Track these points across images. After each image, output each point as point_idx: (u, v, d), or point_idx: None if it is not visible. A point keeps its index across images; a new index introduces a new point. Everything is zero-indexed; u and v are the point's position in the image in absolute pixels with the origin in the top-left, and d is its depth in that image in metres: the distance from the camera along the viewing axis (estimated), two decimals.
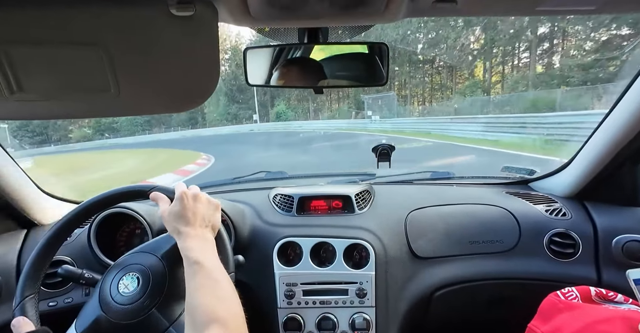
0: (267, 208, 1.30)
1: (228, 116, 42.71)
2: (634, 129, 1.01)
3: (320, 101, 42.57)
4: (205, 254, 0.73)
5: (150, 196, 0.84)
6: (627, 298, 0.83)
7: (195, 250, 0.73)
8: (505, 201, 1.31)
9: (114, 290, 0.78)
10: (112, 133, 42.93)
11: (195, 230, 0.76)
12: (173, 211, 0.78)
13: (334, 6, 0.64)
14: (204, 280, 0.68)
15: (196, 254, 0.72)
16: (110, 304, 0.76)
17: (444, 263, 1.20)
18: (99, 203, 0.87)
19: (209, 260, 0.72)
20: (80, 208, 0.86)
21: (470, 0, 0.64)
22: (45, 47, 0.50)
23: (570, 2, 0.64)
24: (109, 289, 0.78)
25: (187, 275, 0.70)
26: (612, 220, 1.17)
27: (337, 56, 0.85)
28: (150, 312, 0.75)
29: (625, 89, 1.02)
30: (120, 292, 0.77)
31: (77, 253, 1.15)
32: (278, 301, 1.12)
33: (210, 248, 0.76)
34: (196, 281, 0.68)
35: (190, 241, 0.74)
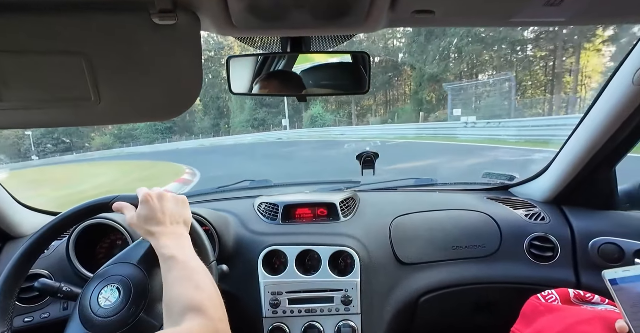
0: (251, 216, 1.29)
1: (254, 122, 37.20)
2: (605, 135, 1.06)
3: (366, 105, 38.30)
4: (180, 249, 0.73)
5: (113, 208, 0.82)
6: (604, 299, 0.86)
7: (170, 246, 0.73)
8: (487, 206, 1.33)
9: (94, 304, 0.76)
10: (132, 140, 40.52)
11: (167, 228, 0.76)
12: (141, 214, 0.77)
13: (316, 16, 0.65)
14: (179, 272, 0.68)
15: (170, 250, 0.72)
16: (94, 320, 0.74)
17: (428, 269, 1.21)
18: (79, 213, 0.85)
19: (184, 253, 0.73)
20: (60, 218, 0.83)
21: (447, 11, 0.66)
22: (26, 56, 0.50)
23: (541, 14, 0.67)
24: (89, 304, 0.76)
25: (162, 271, 0.70)
26: (588, 223, 1.21)
27: (320, 65, 0.86)
28: (138, 317, 0.73)
29: (597, 96, 1.06)
30: (101, 305, 0.75)
31: (55, 266, 1.11)
32: (263, 310, 1.11)
33: (185, 242, 0.76)
34: (172, 274, 0.68)
35: (164, 239, 0.74)
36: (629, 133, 1.05)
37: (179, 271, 0.68)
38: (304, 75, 0.84)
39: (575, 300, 0.88)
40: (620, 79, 0.97)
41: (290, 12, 0.63)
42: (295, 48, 0.79)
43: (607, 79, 1.03)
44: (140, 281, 0.77)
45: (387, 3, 0.60)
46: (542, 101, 21.46)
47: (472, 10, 0.68)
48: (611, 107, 1.01)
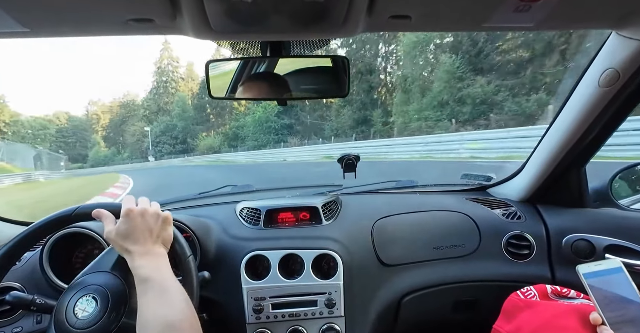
0: (233, 222, 1.28)
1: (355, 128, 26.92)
2: (575, 136, 1.10)
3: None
4: (157, 271, 0.71)
5: (93, 214, 0.79)
6: (579, 294, 0.89)
7: (146, 266, 0.71)
8: (466, 206, 1.36)
9: (71, 317, 0.73)
10: (239, 142, 35.28)
11: (144, 247, 0.74)
12: (120, 230, 0.75)
13: (294, 20, 0.66)
14: (155, 293, 0.67)
15: (147, 271, 0.70)
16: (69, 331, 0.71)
17: (410, 269, 1.22)
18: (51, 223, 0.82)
19: (160, 274, 0.71)
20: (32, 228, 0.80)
21: (423, 17, 0.69)
22: None
23: (511, 20, 0.70)
24: (64, 318, 0.73)
25: (138, 291, 0.69)
26: (561, 220, 1.26)
27: (300, 69, 0.86)
28: (120, 322, 0.71)
29: (566, 98, 1.11)
30: (78, 317, 0.72)
31: (27, 278, 1.07)
32: (246, 316, 1.09)
33: (162, 262, 0.74)
34: (147, 296, 0.67)
35: (140, 260, 0.72)
36: (597, 134, 1.09)
37: (155, 292, 0.67)
38: (284, 80, 0.85)
39: (553, 296, 0.91)
40: (587, 81, 1.02)
41: (268, 16, 0.64)
42: (275, 52, 0.80)
43: (574, 82, 1.07)
44: (117, 287, 0.75)
45: (364, 8, 0.61)
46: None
47: (447, 16, 0.70)
48: (579, 109, 1.05)
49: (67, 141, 62.88)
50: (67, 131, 63.81)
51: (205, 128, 44.78)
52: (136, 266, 0.71)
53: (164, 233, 0.79)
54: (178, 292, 0.69)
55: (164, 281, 0.69)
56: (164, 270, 0.72)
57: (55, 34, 0.72)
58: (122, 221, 0.75)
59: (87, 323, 0.71)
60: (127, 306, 0.74)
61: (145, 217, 0.77)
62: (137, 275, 0.70)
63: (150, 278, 0.69)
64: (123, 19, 0.64)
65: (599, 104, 1.01)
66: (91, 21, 0.66)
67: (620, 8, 0.72)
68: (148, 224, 0.76)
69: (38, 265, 1.04)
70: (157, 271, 0.71)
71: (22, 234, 0.80)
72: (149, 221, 0.77)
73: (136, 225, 0.75)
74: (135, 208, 0.77)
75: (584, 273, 0.73)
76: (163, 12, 0.61)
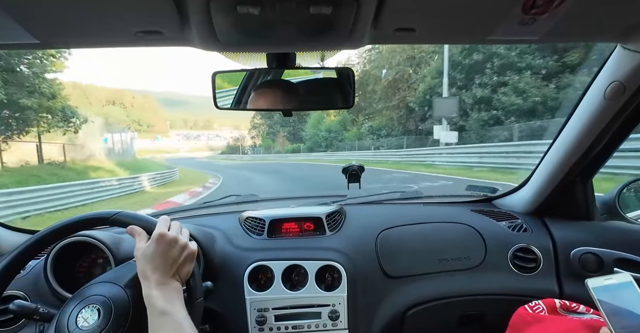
0: (237, 232, 1.27)
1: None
2: (581, 148, 1.10)
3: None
4: (171, 304, 0.70)
5: (127, 230, 0.80)
6: (589, 309, 0.87)
7: (160, 298, 0.70)
8: (471, 218, 1.35)
9: (72, 325, 0.72)
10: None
11: (163, 277, 0.73)
12: (146, 253, 0.75)
13: (300, 33, 0.67)
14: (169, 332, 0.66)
15: (161, 303, 0.69)
16: None
17: (415, 282, 1.21)
18: (58, 231, 0.82)
19: (177, 311, 0.70)
20: (37, 237, 0.81)
21: (428, 29, 0.69)
22: None
23: (515, 33, 0.70)
24: (66, 324, 0.73)
25: (152, 324, 0.68)
26: (568, 233, 1.24)
27: (306, 80, 0.87)
28: None
29: (571, 110, 1.10)
30: (78, 326, 0.72)
31: (31, 287, 1.06)
32: (249, 328, 1.08)
33: (178, 299, 0.73)
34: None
35: (156, 290, 0.71)
36: (603, 146, 1.09)
37: (170, 330, 0.67)
38: (289, 91, 0.85)
39: (562, 310, 0.89)
40: (592, 94, 1.02)
41: (275, 29, 0.65)
42: (281, 64, 0.81)
43: (580, 94, 1.07)
44: (123, 306, 0.74)
45: (370, 21, 0.62)
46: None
47: (451, 29, 0.71)
48: (585, 122, 1.05)
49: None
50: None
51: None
52: (152, 296, 0.70)
53: (184, 268, 0.78)
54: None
55: (181, 321, 0.69)
56: (180, 309, 0.71)
57: (64, 46, 0.73)
58: (151, 244, 0.75)
59: (97, 329, 0.71)
60: (125, 329, 0.73)
61: (172, 247, 0.77)
62: (151, 305, 0.69)
63: (167, 313, 0.68)
64: (132, 31, 0.65)
65: (605, 116, 1.01)
66: (100, 33, 0.67)
67: (625, 21, 0.73)
68: (173, 255, 0.76)
69: (42, 274, 1.04)
70: (172, 307, 0.70)
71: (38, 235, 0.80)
72: (175, 253, 0.77)
73: (162, 253, 0.75)
74: (168, 235, 0.77)
75: (594, 288, 0.72)
76: (171, 24, 0.62)
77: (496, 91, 16.44)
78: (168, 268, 0.75)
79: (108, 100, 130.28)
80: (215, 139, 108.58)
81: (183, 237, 0.80)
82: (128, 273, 0.80)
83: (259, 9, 0.56)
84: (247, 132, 63.70)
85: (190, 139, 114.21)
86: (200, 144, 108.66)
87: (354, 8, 0.57)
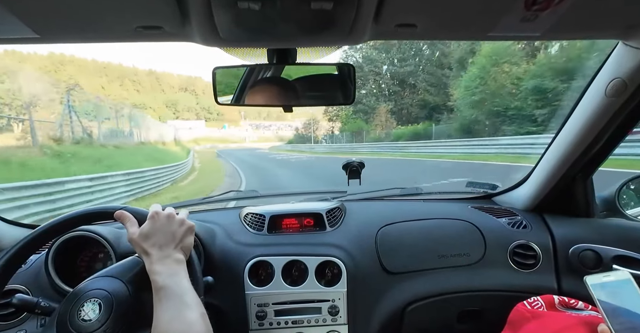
0: (237, 227, 1.28)
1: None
2: (581, 145, 1.10)
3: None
4: (174, 277, 0.70)
5: (115, 215, 0.80)
6: (587, 305, 0.88)
7: (163, 273, 0.70)
8: (471, 215, 1.35)
9: (72, 317, 0.73)
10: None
11: (164, 251, 0.73)
12: (143, 231, 0.75)
13: (301, 28, 0.67)
14: (172, 305, 0.66)
15: (164, 278, 0.69)
16: (68, 332, 0.71)
17: (414, 278, 1.21)
18: (59, 226, 0.83)
19: (178, 283, 0.70)
20: (38, 231, 0.81)
21: (429, 25, 0.69)
22: None
23: (517, 29, 0.70)
24: (67, 316, 0.73)
25: (154, 300, 0.68)
26: (568, 230, 1.24)
27: (306, 76, 0.87)
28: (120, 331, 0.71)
29: (572, 108, 1.10)
30: (79, 319, 0.72)
31: (32, 281, 1.07)
32: (250, 322, 1.09)
33: (182, 271, 0.73)
34: (162, 306, 0.66)
35: (159, 264, 0.71)
36: (604, 143, 1.09)
37: (172, 304, 0.66)
38: (290, 86, 0.85)
39: (560, 306, 0.89)
40: (593, 91, 1.01)
41: (276, 25, 0.65)
42: (282, 60, 0.80)
43: (581, 91, 1.07)
44: (124, 301, 0.74)
45: (371, 17, 0.62)
46: None
47: (453, 25, 0.71)
48: (586, 119, 1.05)
49: None
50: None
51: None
52: (154, 271, 0.70)
53: (186, 240, 0.79)
54: (196, 306, 0.68)
55: (183, 294, 0.68)
56: (182, 280, 0.71)
57: (64, 40, 0.73)
58: (147, 223, 0.76)
59: (84, 329, 0.71)
60: (124, 326, 0.73)
61: (170, 220, 0.77)
62: (154, 281, 0.69)
63: (168, 286, 0.68)
64: (132, 26, 0.65)
65: (605, 114, 1.00)
66: (100, 28, 0.67)
67: (627, 18, 0.72)
68: (172, 228, 0.77)
69: (43, 268, 1.05)
70: (174, 280, 0.70)
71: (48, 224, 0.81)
72: (173, 225, 0.77)
73: (160, 227, 0.75)
74: (161, 212, 0.78)
75: (592, 285, 0.72)
76: (172, 19, 0.62)
77: None
78: (169, 241, 0.75)
79: (181, 87, 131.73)
80: (286, 129, 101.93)
81: (180, 214, 0.81)
82: (132, 268, 0.80)
83: (259, 4, 0.56)
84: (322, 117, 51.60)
85: (260, 129, 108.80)
86: (269, 134, 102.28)
87: (355, 3, 0.57)
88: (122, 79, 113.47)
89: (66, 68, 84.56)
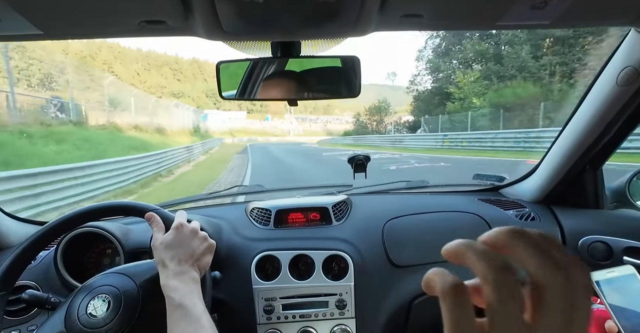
0: (244, 222, 1.28)
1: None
2: (591, 136, 1.08)
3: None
4: (191, 298, 0.70)
5: (146, 216, 0.81)
6: (596, 299, 0.87)
7: (179, 290, 0.70)
8: (478, 207, 1.34)
9: (82, 309, 0.74)
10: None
11: (181, 266, 0.73)
12: (165, 241, 0.75)
13: (306, 20, 0.66)
14: (190, 329, 0.65)
15: (180, 296, 0.69)
16: (74, 323, 0.72)
17: (421, 271, 1.20)
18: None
19: (196, 304, 0.69)
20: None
21: (435, 15, 0.68)
22: None
23: (526, 17, 0.68)
24: (77, 308, 0.74)
25: (169, 317, 0.67)
26: (577, 222, 1.23)
27: (311, 69, 0.86)
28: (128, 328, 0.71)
29: (582, 97, 1.08)
30: (87, 313, 0.73)
31: (42, 277, 1.08)
32: (257, 316, 1.09)
33: (197, 290, 0.73)
34: (180, 328, 0.65)
35: (175, 280, 0.71)
36: (615, 133, 1.07)
37: (189, 327, 0.65)
38: (296, 80, 0.84)
39: None
40: (604, 80, 0.99)
41: (280, 17, 0.64)
42: (286, 53, 0.79)
43: (591, 81, 1.05)
44: (132, 304, 0.75)
45: (376, 8, 0.60)
46: None
47: (459, 14, 0.69)
48: (596, 109, 1.03)
49: None
50: None
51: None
52: (170, 287, 0.70)
53: (204, 259, 0.79)
54: (211, 330, 0.67)
55: (200, 316, 0.67)
56: (198, 301, 0.70)
57: (68, 36, 0.73)
58: (171, 233, 0.76)
59: (90, 324, 0.72)
60: (136, 318, 0.73)
61: (193, 237, 0.78)
62: (169, 298, 0.69)
63: (185, 306, 0.67)
64: (135, 21, 0.64)
65: (616, 103, 0.98)
66: (104, 23, 0.66)
67: None
68: (194, 245, 0.77)
69: (52, 264, 1.06)
70: (192, 301, 0.69)
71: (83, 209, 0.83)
72: (196, 243, 0.78)
73: (182, 241, 0.76)
74: (187, 225, 0.78)
75: (597, 281, 0.72)
76: (175, 13, 0.61)
77: None
78: (188, 257, 0.75)
79: None
80: (335, 122, 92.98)
81: (201, 232, 0.82)
82: (147, 272, 0.80)
83: None
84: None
85: (306, 122, 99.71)
86: (316, 128, 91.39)
87: None
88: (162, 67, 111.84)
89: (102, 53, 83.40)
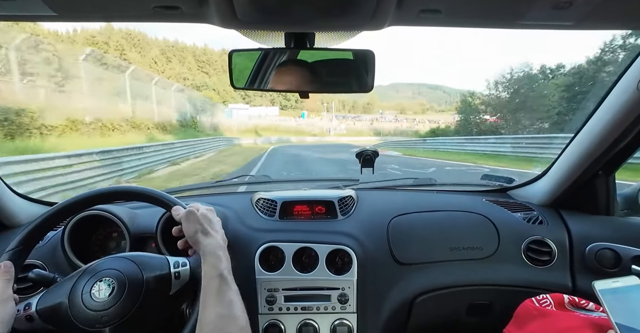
0: (249, 212, 1.28)
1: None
2: (607, 140, 1.05)
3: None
4: (229, 270, 0.76)
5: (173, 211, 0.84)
6: (598, 307, 0.86)
7: (223, 261, 0.76)
8: (485, 208, 1.33)
9: (86, 288, 0.74)
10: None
11: (220, 241, 0.80)
12: (203, 213, 0.82)
13: (321, 13, 0.65)
14: (225, 297, 0.70)
15: (222, 267, 0.74)
16: (77, 299, 0.73)
17: (425, 269, 1.21)
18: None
19: (231, 279, 0.75)
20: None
21: (454, 11, 0.66)
22: None
23: (548, 17, 0.66)
24: (82, 286, 0.75)
25: (206, 286, 0.72)
26: (586, 228, 1.21)
27: (325, 61, 0.85)
28: (102, 330, 0.72)
29: (599, 101, 1.06)
30: (91, 293, 0.74)
31: (49, 258, 1.10)
32: (259, 307, 1.10)
33: (230, 266, 0.78)
34: (218, 296, 0.70)
35: (221, 250, 0.77)
36: (631, 139, 1.04)
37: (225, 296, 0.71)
38: (309, 72, 0.83)
39: (570, 306, 0.88)
40: (624, 85, 0.97)
41: (295, 8, 0.63)
42: (299, 44, 0.78)
43: (610, 85, 1.02)
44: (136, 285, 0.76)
45: (394, 1, 0.59)
46: None
47: (479, 11, 0.67)
48: (614, 113, 1.01)
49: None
50: None
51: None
52: (216, 254, 0.75)
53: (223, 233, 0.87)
54: (241, 303, 0.73)
55: (236, 291, 0.74)
56: (231, 276, 0.76)
57: (81, 19, 0.72)
58: (205, 212, 0.84)
59: (89, 305, 0.73)
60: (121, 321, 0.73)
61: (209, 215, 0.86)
62: (212, 265, 0.74)
63: (225, 277, 0.73)
64: (150, 6, 0.63)
65: (635, 108, 0.96)
66: (118, 7, 0.66)
67: None
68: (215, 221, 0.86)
69: (59, 245, 1.07)
70: (230, 273, 0.75)
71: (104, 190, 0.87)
72: (215, 218, 0.87)
73: (204, 220, 0.82)
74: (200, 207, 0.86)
75: (600, 290, 0.72)
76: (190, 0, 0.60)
77: None
78: (219, 233, 0.84)
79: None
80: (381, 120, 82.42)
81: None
82: (156, 268, 0.80)
83: None
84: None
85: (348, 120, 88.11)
86: (361, 126, 75.63)
87: None
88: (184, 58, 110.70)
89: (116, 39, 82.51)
